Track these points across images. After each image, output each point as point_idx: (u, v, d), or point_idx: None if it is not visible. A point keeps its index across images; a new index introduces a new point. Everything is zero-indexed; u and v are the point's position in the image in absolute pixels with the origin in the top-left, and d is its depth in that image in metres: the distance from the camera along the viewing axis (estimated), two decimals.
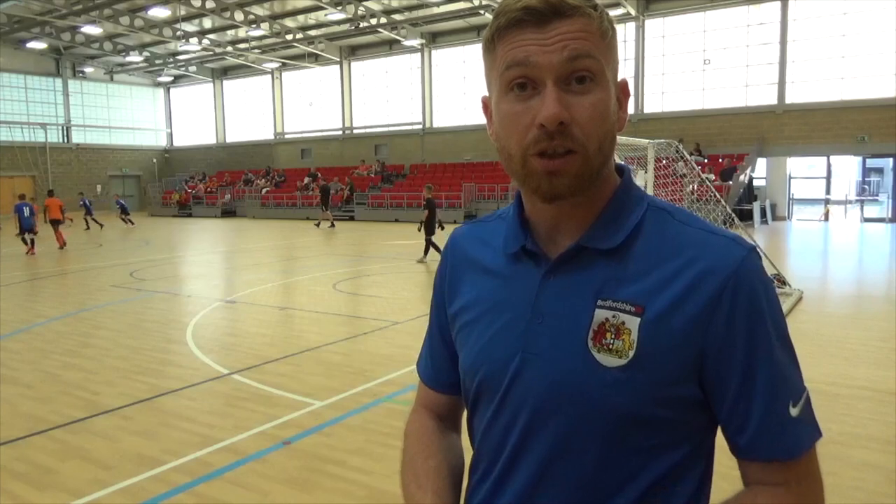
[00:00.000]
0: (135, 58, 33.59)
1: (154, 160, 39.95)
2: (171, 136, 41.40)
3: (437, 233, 13.03)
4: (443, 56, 30.16)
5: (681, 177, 11.93)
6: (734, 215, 10.23)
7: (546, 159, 0.85)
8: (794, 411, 0.86)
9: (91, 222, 24.01)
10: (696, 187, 11.34)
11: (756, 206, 21.23)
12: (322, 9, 26.04)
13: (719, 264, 0.86)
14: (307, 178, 30.56)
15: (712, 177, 19.10)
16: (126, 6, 25.11)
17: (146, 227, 25.16)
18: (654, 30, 25.25)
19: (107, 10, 24.82)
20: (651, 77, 25.46)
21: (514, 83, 0.86)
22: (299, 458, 3.98)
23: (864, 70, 21.44)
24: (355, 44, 31.96)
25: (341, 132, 33.65)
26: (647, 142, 9.50)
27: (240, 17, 26.39)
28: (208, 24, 29.01)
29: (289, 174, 33.22)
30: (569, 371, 0.89)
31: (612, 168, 0.96)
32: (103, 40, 30.94)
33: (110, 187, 36.86)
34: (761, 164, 23.75)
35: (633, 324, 0.86)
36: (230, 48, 31.43)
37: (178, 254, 16.52)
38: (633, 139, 9.58)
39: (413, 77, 31.10)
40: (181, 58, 34.14)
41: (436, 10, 26.07)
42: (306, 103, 35.05)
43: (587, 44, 0.84)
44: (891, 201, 23.21)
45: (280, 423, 4.54)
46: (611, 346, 0.87)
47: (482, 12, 24.43)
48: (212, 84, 38.41)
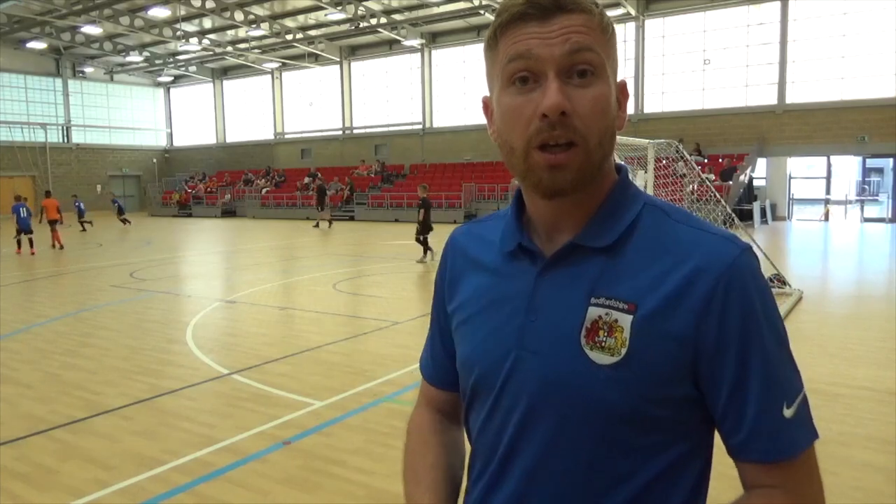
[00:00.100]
0: (135, 58, 33.59)
1: (154, 160, 39.94)
2: (171, 136, 41.40)
3: (419, 235, 13.04)
4: (443, 56, 30.16)
5: (681, 177, 11.93)
6: (734, 215, 10.23)
7: (548, 153, 0.86)
8: (788, 412, 0.86)
9: (83, 224, 23.69)
10: (696, 187, 11.34)
11: (756, 206, 21.22)
12: (322, 9, 26.05)
13: (713, 263, 0.86)
14: (307, 178, 30.56)
15: (712, 177, 19.10)
16: (126, 6, 25.11)
17: (146, 228, 25.16)
18: (654, 30, 25.25)
19: (107, 10, 24.82)
20: (651, 77, 25.46)
21: (516, 76, 0.87)
22: (299, 458, 3.98)
23: (864, 70, 21.44)
24: (355, 44, 31.96)
25: (341, 132, 33.65)
26: (647, 142, 9.50)
27: (240, 17, 26.40)
28: (208, 24, 29.02)
29: (289, 174, 33.22)
30: (562, 368, 0.89)
31: (612, 166, 0.96)
32: (103, 40, 30.94)
33: (110, 187, 36.85)
34: (761, 164, 23.75)
35: (626, 321, 0.86)
36: (230, 48, 31.43)
37: (178, 254, 16.52)
38: (633, 139, 9.58)
39: (413, 77, 31.10)
40: (181, 58, 34.14)
41: (436, 10, 26.07)
42: (306, 103, 35.05)
43: (588, 38, 0.86)
44: (891, 201, 23.21)
45: (280, 423, 4.54)
46: (603, 344, 0.87)
47: (482, 12, 24.43)
48: (212, 84, 38.40)
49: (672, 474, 0.90)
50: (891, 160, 23.89)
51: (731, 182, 20.50)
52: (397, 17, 27.50)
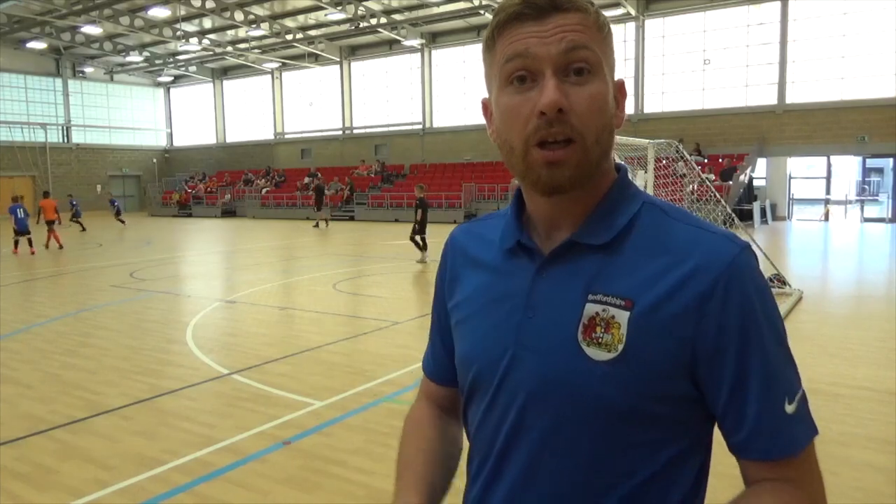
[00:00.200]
0: (135, 58, 33.59)
1: (154, 160, 39.94)
2: (171, 136, 41.40)
3: (414, 235, 13.04)
4: (443, 56, 30.16)
5: (681, 177, 11.93)
6: (734, 215, 10.23)
7: (546, 150, 0.86)
8: (789, 408, 0.86)
9: (76, 224, 23.46)
10: (696, 187, 11.34)
11: (756, 206, 21.22)
12: (322, 9, 26.05)
13: (712, 261, 0.86)
14: (307, 178, 30.57)
15: (712, 177, 19.10)
16: (126, 6, 25.11)
17: (146, 228, 25.16)
18: (654, 30, 25.25)
19: (107, 10, 24.82)
20: (651, 77, 25.46)
21: (513, 76, 0.88)
22: (299, 458, 3.98)
23: (864, 70, 21.44)
24: (355, 44, 31.96)
25: (341, 132, 33.65)
26: (647, 142, 9.51)
27: (240, 17, 26.40)
28: (208, 24, 29.01)
29: (289, 174, 33.22)
30: (559, 365, 0.89)
31: (612, 164, 0.97)
32: (103, 40, 30.94)
33: (110, 187, 36.85)
34: (761, 164, 23.75)
35: (623, 318, 0.86)
36: (230, 48, 31.43)
37: (178, 254, 16.52)
38: (633, 139, 9.58)
39: (413, 77, 31.10)
40: (181, 58, 34.13)
41: (436, 10, 26.07)
42: (306, 103, 35.04)
43: (584, 36, 0.86)
44: (891, 201, 23.21)
45: (280, 423, 4.54)
46: (600, 340, 0.87)
47: (482, 12, 24.43)
48: (212, 84, 38.40)
49: (671, 471, 0.90)
50: (891, 160, 23.89)
51: (731, 182, 20.49)
52: (397, 17, 27.50)
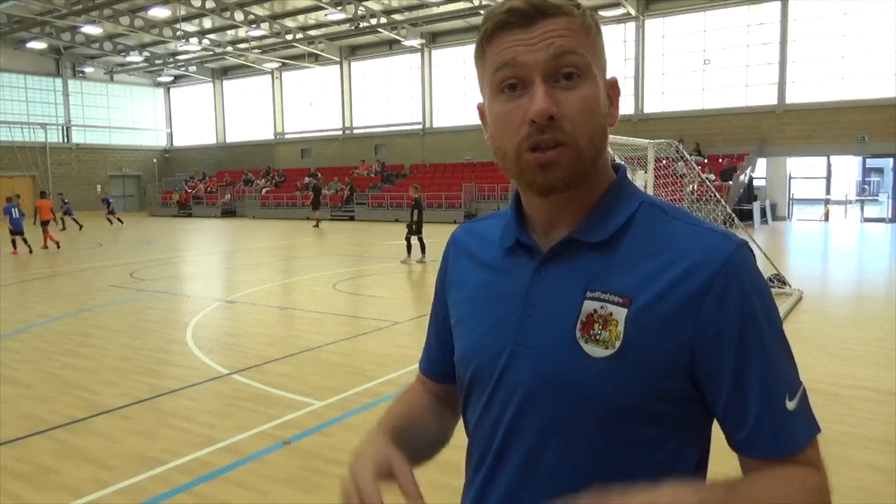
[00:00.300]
0: (135, 58, 33.59)
1: (154, 160, 39.94)
2: (171, 136, 41.40)
3: (413, 236, 13.03)
4: (443, 56, 30.15)
5: (681, 177, 11.93)
6: (734, 215, 10.23)
7: (538, 153, 0.87)
8: (790, 405, 0.85)
9: (71, 222, 23.50)
10: (696, 187, 11.34)
11: (756, 206, 21.22)
12: (322, 9, 26.04)
13: (709, 258, 0.86)
14: (307, 178, 30.58)
15: (712, 177, 19.10)
16: (126, 6, 25.11)
17: (146, 228, 25.16)
18: (654, 30, 25.25)
19: (107, 10, 24.82)
20: (651, 77, 25.45)
21: (504, 84, 0.89)
22: (299, 458, 3.98)
23: (864, 70, 21.44)
24: (355, 44, 31.96)
25: (341, 132, 33.64)
26: (647, 142, 9.50)
27: (240, 17, 26.40)
28: (208, 24, 29.01)
29: (289, 174, 33.22)
30: (557, 361, 0.89)
31: (608, 164, 0.97)
32: (103, 40, 30.94)
33: (110, 187, 36.87)
34: (761, 164, 23.75)
35: (620, 315, 0.87)
36: (230, 48, 31.43)
37: (178, 254, 16.52)
38: (633, 139, 9.57)
39: (413, 77, 31.10)
40: (181, 58, 34.13)
41: (436, 10, 26.06)
42: (306, 103, 35.04)
43: (571, 41, 0.87)
44: (891, 201, 23.21)
45: (280, 423, 4.54)
46: (598, 337, 0.87)
47: (482, 12, 24.33)
48: (212, 84, 38.40)
49: (670, 469, 0.89)
50: (891, 160, 23.89)
51: (731, 182, 20.50)
52: (397, 17, 27.49)
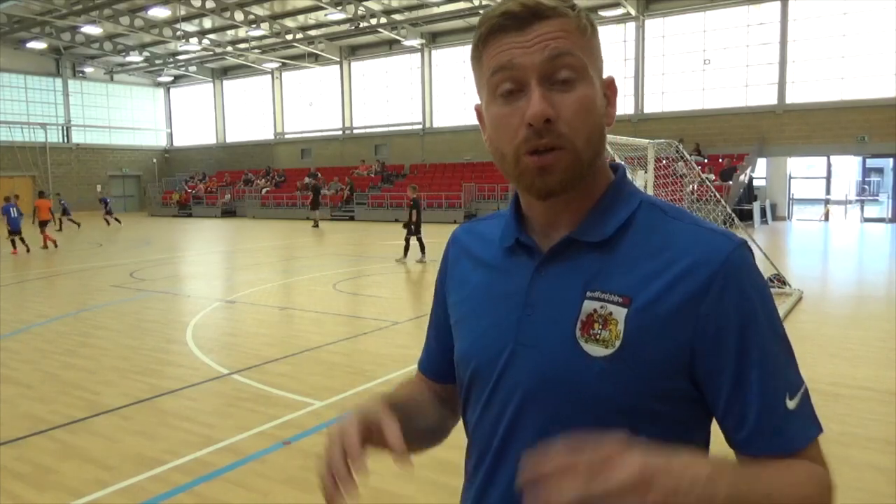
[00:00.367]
0: (135, 58, 33.59)
1: (154, 160, 39.94)
2: (171, 136, 41.39)
3: (411, 236, 13.04)
4: (443, 56, 30.15)
5: (681, 177, 11.93)
6: (734, 215, 10.23)
7: (537, 156, 0.87)
8: (791, 404, 0.85)
9: (69, 223, 23.44)
10: (695, 187, 11.35)
11: (756, 206, 21.22)
12: (322, 9, 26.04)
13: (709, 257, 0.86)
14: (307, 178, 30.58)
15: (712, 177, 19.10)
16: (126, 6, 25.11)
17: (146, 228, 25.16)
18: (654, 30, 25.24)
19: (107, 10, 24.82)
20: (651, 77, 25.45)
21: (500, 87, 0.89)
22: (299, 458, 3.98)
23: (864, 70, 21.44)
24: (355, 44, 31.95)
25: (341, 132, 33.64)
26: (647, 142, 9.50)
27: (240, 17, 26.40)
28: (208, 24, 29.01)
29: (289, 174, 33.22)
30: (557, 361, 0.89)
31: (605, 164, 0.97)
32: (103, 40, 30.93)
33: (110, 187, 36.88)
34: (761, 164, 23.75)
35: (620, 314, 0.87)
36: (230, 48, 31.42)
37: (178, 254, 16.52)
38: (633, 139, 9.57)
39: (413, 77, 31.10)
40: (181, 58, 34.13)
41: (436, 10, 26.06)
42: (306, 103, 35.04)
43: (567, 42, 0.87)
44: (891, 201, 23.21)
45: (280, 423, 4.54)
46: (598, 337, 0.87)
47: (482, 12, 24.31)
48: (212, 84, 38.40)
49: None
50: (891, 160, 23.89)
51: (731, 182, 20.49)
52: (397, 17, 27.49)
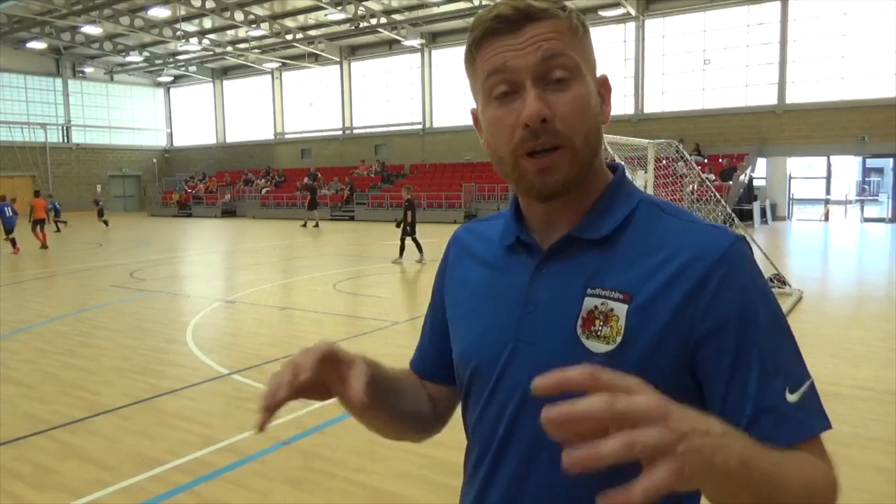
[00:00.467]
0: (135, 58, 33.59)
1: (154, 160, 39.94)
2: (171, 136, 41.40)
3: (405, 236, 13.04)
4: (443, 56, 30.15)
5: (681, 177, 11.93)
6: (734, 215, 10.23)
7: (536, 158, 0.88)
8: (792, 397, 0.84)
9: (57, 224, 23.12)
10: (696, 187, 11.35)
11: (756, 206, 21.22)
12: (322, 9, 26.04)
13: (707, 252, 0.87)
14: (307, 178, 30.58)
15: (712, 177, 19.09)
16: (126, 6, 25.12)
17: (146, 228, 25.16)
18: (654, 30, 25.24)
19: (107, 10, 24.83)
20: (651, 77, 25.45)
21: (495, 90, 0.89)
22: (299, 458, 3.98)
23: (864, 70, 21.43)
24: (355, 44, 31.95)
25: (341, 132, 33.64)
26: (647, 142, 9.50)
27: (240, 17, 26.40)
28: (208, 24, 29.01)
29: (289, 174, 33.21)
30: (558, 357, 0.88)
31: (603, 164, 0.98)
32: (103, 40, 30.93)
33: (110, 187, 36.87)
34: (761, 164, 23.74)
35: (621, 311, 0.87)
36: (230, 48, 31.42)
37: (177, 254, 16.52)
38: (633, 139, 9.58)
39: (413, 77, 31.10)
40: (181, 58, 34.13)
41: (436, 10, 26.06)
42: (306, 103, 35.04)
43: (559, 43, 0.87)
44: (891, 201, 23.21)
45: (280, 423, 4.53)
46: (599, 333, 0.87)
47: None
48: (212, 84, 38.40)
49: None
50: (891, 160, 23.89)
51: (731, 182, 20.49)
52: (397, 17, 27.50)
